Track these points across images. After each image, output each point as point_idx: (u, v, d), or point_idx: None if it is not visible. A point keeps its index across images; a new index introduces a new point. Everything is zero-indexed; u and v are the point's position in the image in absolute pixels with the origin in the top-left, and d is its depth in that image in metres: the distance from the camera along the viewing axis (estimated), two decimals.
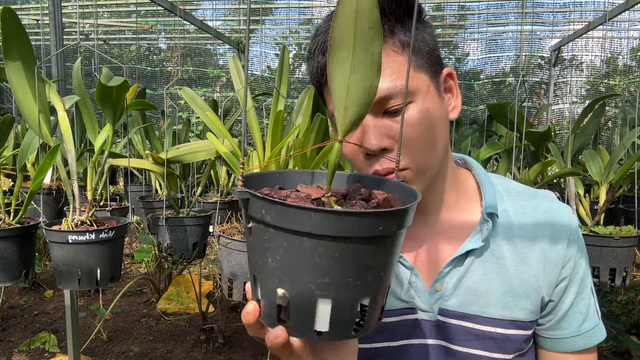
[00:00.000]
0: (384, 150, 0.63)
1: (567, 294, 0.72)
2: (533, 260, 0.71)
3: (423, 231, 0.75)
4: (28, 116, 1.36)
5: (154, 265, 3.66)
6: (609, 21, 3.30)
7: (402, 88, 0.61)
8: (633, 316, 2.82)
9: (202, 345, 2.95)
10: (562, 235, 0.72)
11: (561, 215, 0.73)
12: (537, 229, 0.72)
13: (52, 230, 1.34)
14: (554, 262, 0.71)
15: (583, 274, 0.73)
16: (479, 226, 0.71)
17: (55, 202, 2.08)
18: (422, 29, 0.66)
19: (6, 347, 2.90)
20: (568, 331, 0.73)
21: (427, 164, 0.66)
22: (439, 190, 0.73)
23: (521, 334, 0.70)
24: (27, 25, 5.31)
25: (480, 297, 0.70)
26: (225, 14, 5.36)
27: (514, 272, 0.70)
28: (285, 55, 1.44)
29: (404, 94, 0.61)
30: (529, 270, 0.70)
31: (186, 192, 2.16)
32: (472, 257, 0.70)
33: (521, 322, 0.70)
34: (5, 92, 4.00)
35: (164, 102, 5.40)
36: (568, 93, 6.10)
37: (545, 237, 0.71)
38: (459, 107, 0.71)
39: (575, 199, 1.93)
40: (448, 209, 0.74)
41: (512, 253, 0.71)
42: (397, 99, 0.62)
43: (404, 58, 0.63)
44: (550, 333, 0.74)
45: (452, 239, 0.73)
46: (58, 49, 2.01)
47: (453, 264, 0.71)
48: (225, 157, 1.36)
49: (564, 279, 0.72)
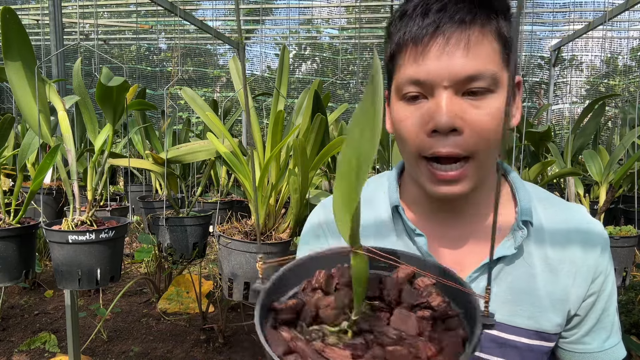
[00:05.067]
0: (454, 131, 0.60)
1: (594, 310, 0.71)
2: (563, 273, 0.69)
3: (452, 232, 0.72)
4: (28, 116, 1.36)
5: (154, 265, 3.66)
6: (609, 21, 3.30)
7: (492, 73, 0.60)
8: (633, 316, 2.82)
9: (202, 345, 2.95)
10: (595, 244, 0.70)
11: (594, 225, 0.72)
12: (569, 238, 0.70)
13: (52, 230, 1.34)
14: (583, 276, 0.69)
15: (611, 291, 0.72)
16: (511, 233, 0.69)
17: (55, 202, 2.08)
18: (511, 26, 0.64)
19: (6, 347, 2.90)
20: (592, 346, 0.71)
21: (488, 160, 0.64)
22: (477, 195, 0.70)
23: (544, 345, 0.69)
24: (27, 25, 5.31)
25: (507, 305, 0.68)
26: (225, 14, 5.36)
27: (542, 282, 0.68)
28: (285, 55, 1.44)
29: (490, 79, 0.60)
30: (557, 282, 0.69)
31: (186, 192, 2.16)
32: (502, 264, 0.68)
33: (546, 333, 0.68)
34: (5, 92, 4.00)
35: (164, 102, 5.40)
36: (568, 93, 6.10)
37: (578, 245, 0.69)
38: (518, 117, 0.69)
39: (575, 199, 1.93)
40: (481, 214, 0.72)
41: (542, 262, 0.69)
42: (482, 82, 0.60)
43: (498, 47, 0.61)
44: (573, 347, 0.72)
45: (482, 243, 0.70)
46: (58, 49, 2.01)
47: (481, 270, 0.68)
48: (225, 157, 1.36)
49: (592, 294, 0.70)
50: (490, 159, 0.64)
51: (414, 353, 0.35)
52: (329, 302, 0.40)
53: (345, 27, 5.57)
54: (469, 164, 0.62)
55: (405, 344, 0.36)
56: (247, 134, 1.83)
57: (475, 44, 0.59)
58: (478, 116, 0.60)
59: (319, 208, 0.82)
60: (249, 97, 1.44)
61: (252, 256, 1.29)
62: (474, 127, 0.60)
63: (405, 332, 0.38)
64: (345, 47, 6.57)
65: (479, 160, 0.62)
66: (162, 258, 2.98)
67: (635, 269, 3.03)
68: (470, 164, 0.62)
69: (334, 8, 5.13)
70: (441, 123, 0.59)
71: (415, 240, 0.70)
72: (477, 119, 0.60)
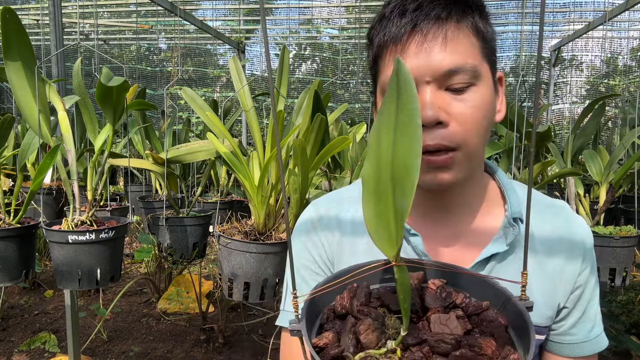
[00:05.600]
0: (439, 124, 0.62)
1: (581, 301, 0.73)
2: (551, 267, 0.71)
3: (445, 231, 0.74)
4: (28, 116, 1.36)
5: (154, 265, 3.66)
6: (609, 21, 3.30)
7: (471, 67, 0.61)
8: (633, 316, 2.82)
9: (202, 345, 2.95)
10: (581, 238, 0.73)
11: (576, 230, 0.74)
12: (555, 243, 0.72)
13: (53, 230, 1.34)
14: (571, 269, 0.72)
15: (595, 283, 0.75)
16: (501, 230, 0.71)
17: (55, 202, 2.08)
18: (488, 24, 0.66)
19: (6, 347, 2.90)
20: (578, 337, 0.74)
21: (476, 151, 0.65)
22: (468, 190, 0.72)
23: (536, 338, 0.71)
24: (27, 25, 5.31)
25: None
26: (225, 14, 5.36)
27: (533, 277, 0.71)
28: (285, 55, 1.44)
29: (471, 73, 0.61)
30: (547, 277, 0.71)
31: (186, 192, 2.16)
32: (494, 261, 0.70)
33: (537, 326, 0.70)
34: (5, 92, 4.00)
35: (164, 102, 5.40)
36: (568, 93, 6.10)
37: (563, 253, 0.72)
38: (503, 111, 0.71)
39: (575, 199, 1.93)
40: (473, 212, 0.74)
41: (531, 258, 0.71)
42: (463, 76, 0.61)
43: (477, 41, 0.63)
44: (560, 338, 0.74)
45: (474, 242, 0.72)
46: (58, 49, 2.01)
47: (475, 268, 0.70)
48: (225, 157, 1.36)
49: (579, 287, 0.73)
50: (478, 149, 0.66)
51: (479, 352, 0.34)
52: (368, 325, 0.39)
53: (345, 27, 5.57)
54: (457, 153, 0.64)
55: (465, 346, 0.35)
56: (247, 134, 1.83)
57: (452, 39, 0.61)
58: (462, 109, 0.62)
59: (310, 207, 0.84)
60: (249, 97, 1.44)
61: (252, 256, 1.29)
62: (459, 119, 0.62)
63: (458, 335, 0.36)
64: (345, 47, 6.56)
65: (467, 151, 0.64)
66: (162, 258, 2.98)
67: (635, 269, 3.03)
68: (458, 154, 0.64)
69: (334, 8, 5.13)
70: (426, 117, 0.60)
71: (410, 240, 0.71)
72: (461, 112, 0.62)
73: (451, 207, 0.73)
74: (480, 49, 0.64)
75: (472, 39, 0.63)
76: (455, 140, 0.62)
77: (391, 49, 0.65)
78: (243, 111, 1.48)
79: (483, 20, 0.65)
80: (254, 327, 3.21)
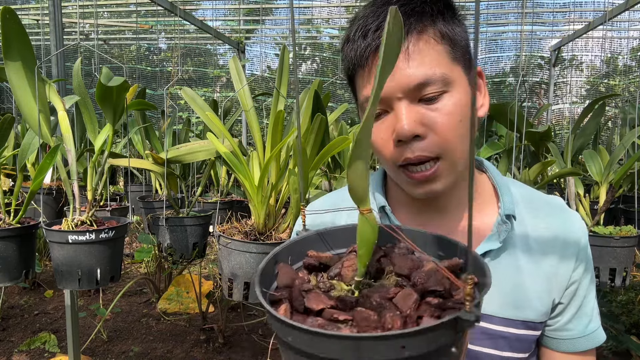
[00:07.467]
0: (417, 137, 0.63)
1: (576, 297, 0.74)
2: (545, 264, 0.72)
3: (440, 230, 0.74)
4: (28, 116, 1.36)
5: (154, 265, 3.66)
6: (609, 21, 3.31)
7: (440, 76, 0.62)
8: (633, 316, 2.82)
9: (202, 345, 2.95)
10: (575, 234, 0.74)
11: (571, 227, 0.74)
12: (550, 241, 0.73)
13: (52, 230, 1.34)
14: (565, 265, 0.73)
15: (591, 278, 0.75)
16: (495, 228, 0.71)
17: (55, 202, 2.08)
18: (458, 24, 0.67)
19: (6, 347, 2.90)
20: (574, 332, 0.74)
21: (461, 154, 0.66)
22: (459, 190, 0.73)
23: (531, 334, 0.72)
24: (27, 25, 5.31)
25: (495, 298, 0.70)
26: (225, 14, 5.36)
27: (527, 274, 0.71)
28: (285, 55, 1.44)
29: (441, 82, 0.62)
30: (541, 273, 0.72)
31: (186, 192, 2.16)
32: (488, 258, 0.71)
33: (532, 322, 0.71)
34: (5, 92, 4.00)
35: (164, 102, 5.40)
36: (568, 93, 6.10)
37: (557, 250, 0.73)
38: (486, 105, 0.72)
39: (575, 199, 1.93)
40: (466, 210, 0.74)
41: (526, 255, 0.72)
42: (434, 86, 0.62)
43: (443, 48, 0.64)
44: (557, 334, 0.75)
45: None
46: (58, 49, 2.01)
47: None
48: (225, 157, 1.36)
49: (574, 282, 0.73)
50: (463, 152, 0.66)
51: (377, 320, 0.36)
52: (351, 264, 0.44)
53: (345, 27, 5.57)
54: (440, 162, 0.65)
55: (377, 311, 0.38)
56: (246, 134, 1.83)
57: (415, 53, 0.62)
58: (437, 118, 0.63)
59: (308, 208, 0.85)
60: (249, 97, 1.44)
61: (252, 256, 1.29)
62: (435, 129, 0.63)
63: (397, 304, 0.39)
64: None
65: (449, 158, 0.65)
66: (162, 258, 2.98)
67: (635, 269, 3.03)
68: (442, 163, 0.65)
69: (334, 8, 5.13)
70: (403, 132, 0.62)
71: None
72: (436, 122, 0.63)
73: (444, 207, 0.74)
74: (448, 54, 0.64)
75: (437, 47, 0.63)
76: (435, 150, 0.63)
77: (359, 72, 0.67)
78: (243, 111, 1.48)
79: (448, 22, 0.65)
80: (254, 327, 3.21)
